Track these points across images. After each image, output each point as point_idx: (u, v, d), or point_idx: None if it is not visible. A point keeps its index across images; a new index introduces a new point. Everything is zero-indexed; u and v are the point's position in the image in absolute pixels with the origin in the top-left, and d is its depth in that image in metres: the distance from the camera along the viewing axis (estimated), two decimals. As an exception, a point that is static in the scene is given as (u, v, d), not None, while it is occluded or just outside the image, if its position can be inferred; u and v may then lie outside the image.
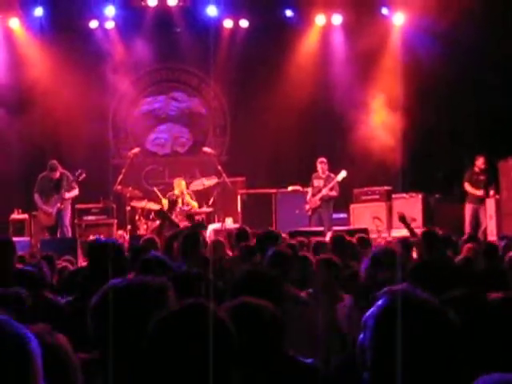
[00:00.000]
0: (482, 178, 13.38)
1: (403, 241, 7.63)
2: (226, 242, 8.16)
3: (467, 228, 12.99)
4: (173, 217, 13.18)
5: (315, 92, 14.84)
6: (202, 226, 9.02)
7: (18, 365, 1.63)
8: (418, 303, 2.03)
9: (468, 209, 13.42)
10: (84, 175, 12.62)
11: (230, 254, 7.78)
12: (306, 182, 13.85)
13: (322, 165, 13.51)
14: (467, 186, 13.40)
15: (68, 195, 12.71)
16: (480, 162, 13.37)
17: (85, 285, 4.42)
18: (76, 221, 13.52)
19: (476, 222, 13.23)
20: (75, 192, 12.82)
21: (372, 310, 2.07)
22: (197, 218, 13.08)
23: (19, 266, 5.33)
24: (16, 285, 4.00)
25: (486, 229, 13.08)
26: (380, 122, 14.27)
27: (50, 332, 2.13)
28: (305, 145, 14.71)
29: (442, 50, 13.79)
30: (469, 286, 3.07)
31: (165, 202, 13.60)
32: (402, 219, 8.45)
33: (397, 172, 13.38)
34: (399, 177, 12.82)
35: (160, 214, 11.04)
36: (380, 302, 2.07)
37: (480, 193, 13.29)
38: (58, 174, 12.62)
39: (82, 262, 9.51)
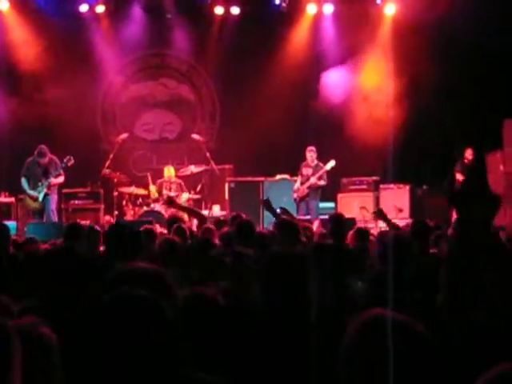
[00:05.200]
0: (471, 170, 13.48)
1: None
2: (215, 229, 8.10)
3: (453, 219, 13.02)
4: (160, 203, 13.15)
5: (305, 80, 14.82)
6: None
7: None
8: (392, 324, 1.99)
9: (454, 200, 13.47)
10: (72, 161, 12.57)
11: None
12: (294, 170, 13.83)
13: (310, 153, 13.49)
14: (459, 177, 13.47)
15: (55, 181, 12.64)
16: (468, 153, 13.48)
17: None
18: (63, 205, 13.46)
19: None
20: (61, 179, 12.75)
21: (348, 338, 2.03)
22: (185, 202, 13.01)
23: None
24: None
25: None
26: (369, 111, 14.27)
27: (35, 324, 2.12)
28: (294, 133, 14.68)
29: (432, 41, 13.76)
30: None
31: (152, 188, 13.57)
32: (379, 213, 7.92)
33: (385, 163, 13.38)
34: (387, 167, 12.81)
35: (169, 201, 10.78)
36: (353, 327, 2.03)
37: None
38: (46, 160, 12.55)
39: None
